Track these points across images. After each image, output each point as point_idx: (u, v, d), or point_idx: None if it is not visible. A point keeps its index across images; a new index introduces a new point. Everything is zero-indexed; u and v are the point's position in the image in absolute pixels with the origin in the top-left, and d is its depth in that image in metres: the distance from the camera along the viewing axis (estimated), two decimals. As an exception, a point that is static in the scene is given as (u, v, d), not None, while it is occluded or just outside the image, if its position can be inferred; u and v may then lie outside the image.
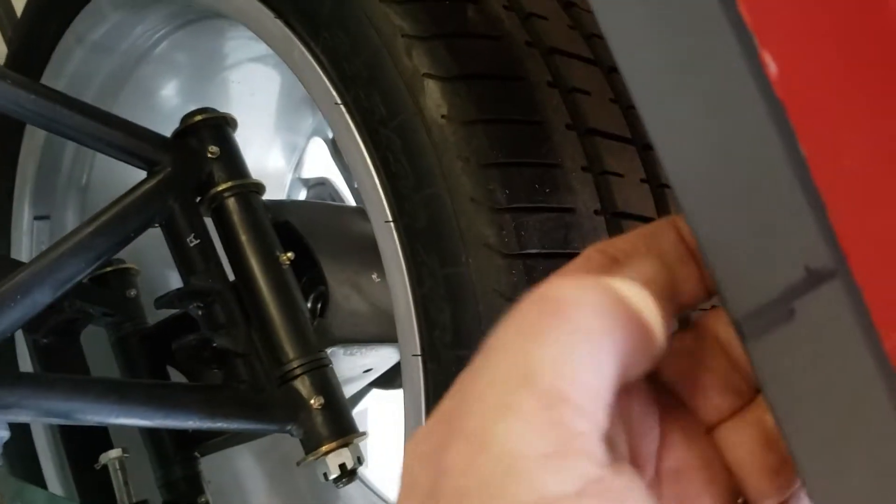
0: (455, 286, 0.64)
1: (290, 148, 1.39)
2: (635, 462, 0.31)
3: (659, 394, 0.32)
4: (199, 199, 0.91)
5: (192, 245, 0.87)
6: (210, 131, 0.92)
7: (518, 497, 0.24)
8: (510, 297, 0.63)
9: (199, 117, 0.92)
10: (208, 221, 0.91)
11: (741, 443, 0.32)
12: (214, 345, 0.85)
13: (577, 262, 0.32)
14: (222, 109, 1.05)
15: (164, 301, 0.88)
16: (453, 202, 0.64)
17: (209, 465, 1.09)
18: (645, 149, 0.71)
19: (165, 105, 1.17)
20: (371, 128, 0.68)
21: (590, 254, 0.32)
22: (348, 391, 1.05)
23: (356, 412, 1.16)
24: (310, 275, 0.93)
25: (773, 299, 0.28)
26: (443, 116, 0.64)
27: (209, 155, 0.90)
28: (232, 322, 0.86)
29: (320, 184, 1.40)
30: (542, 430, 0.25)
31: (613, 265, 0.32)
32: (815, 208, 0.26)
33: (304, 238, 0.92)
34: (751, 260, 0.29)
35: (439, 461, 0.26)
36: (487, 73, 0.66)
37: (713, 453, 0.32)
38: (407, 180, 0.66)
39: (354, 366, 1.03)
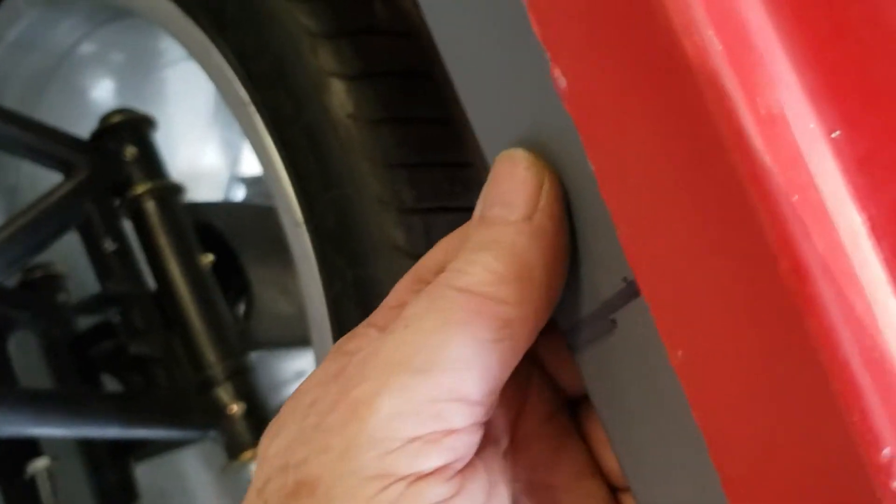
0: (364, 289, 0.63)
1: (227, 145, 1.37)
2: (490, 431, 0.31)
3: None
4: (117, 202, 0.89)
5: (109, 250, 0.85)
6: (128, 132, 0.90)
7: (369, 464, 0.26)
8: (420, 299, 0.61)
9: (116, 118, 0.90)
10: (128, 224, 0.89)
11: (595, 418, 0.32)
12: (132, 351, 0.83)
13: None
14: (159, 108, 1.03)
15: (81, 307, 0.86)
16: (361, 203, 0.63)
17: (151, 470, 1.07)
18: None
19: (99, 105, 1.15)
20: (279, 128, 0.67)
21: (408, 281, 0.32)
22: (281, 395, 1.03)
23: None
24: (235, 277, 0.92)
25: (595, 310, 0.28)
26: (348, 116, 0.63)
27: (127, 157, 0.88)
28: (151, 327, 0.84)
29: (258, 181, 1.38)
30: (423, 418, 0.27)
31: None
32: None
33: (228, 240, 0.90)
34: (575, 271, 0.28)
35: (323, 415, 0.28)
36: (395, 70, 0.65)
37: (572, 427, 0.32)
38: (315, 181, 0.65)
39: (285, 369, 1.01)
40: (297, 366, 1.01)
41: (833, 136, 0.30)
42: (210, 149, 1.34)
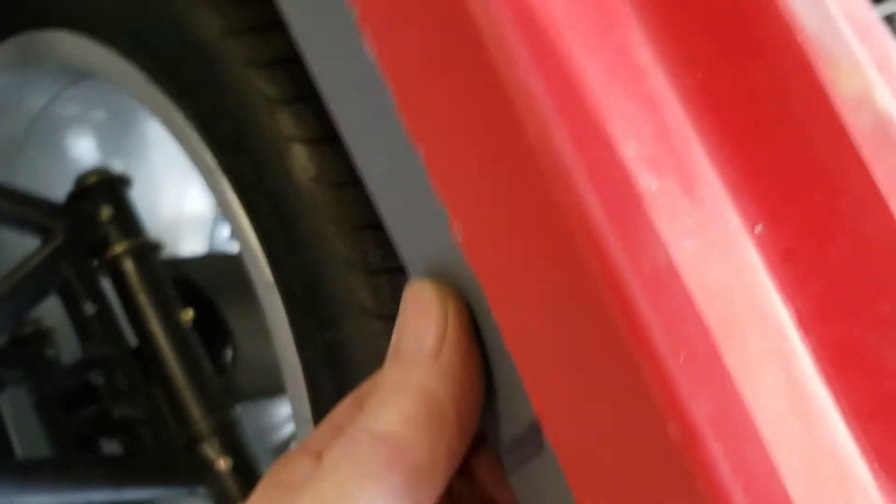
0: (335, 352, 0.63)
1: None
2: None
3: None
4: (95, 262, 0.89)
5: (89, 312, 0.86)
6: (104, 192, 0.90)
7: None
8: (392, 358, 0.62)
9: (91, 179, 0.90)
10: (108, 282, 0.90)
11: None
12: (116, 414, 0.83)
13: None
14: (141, 159, 1.03)
15: (65, 372, 0.86)
16: (328, 266, 0.63)
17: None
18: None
19: (81, 163, 1.15)
20: (244, 193, 0.67)
21: None
22: (273, 440, 1.04)
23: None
24: (218, 329, 0.92)
25: (522, 432, 0.28)
26: (311, 179, 0.63)
27: (103, 217, 0.88)
28: (134, 388, 0.84)
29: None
30: None
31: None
32: None
33: (208, 293, 0.91)
34: (501, 396, 0.28)
35: None
36: (355, 131, 0.65)
37: None
38: (282, 245, 0.65)
39: (275, 414, 1.01)
40: (286, 411, 1.01)
41: (756, 230, 0.31)
42: (192, 191, 1.34)
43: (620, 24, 0.29)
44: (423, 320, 0.28)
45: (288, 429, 1.06)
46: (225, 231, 1.40)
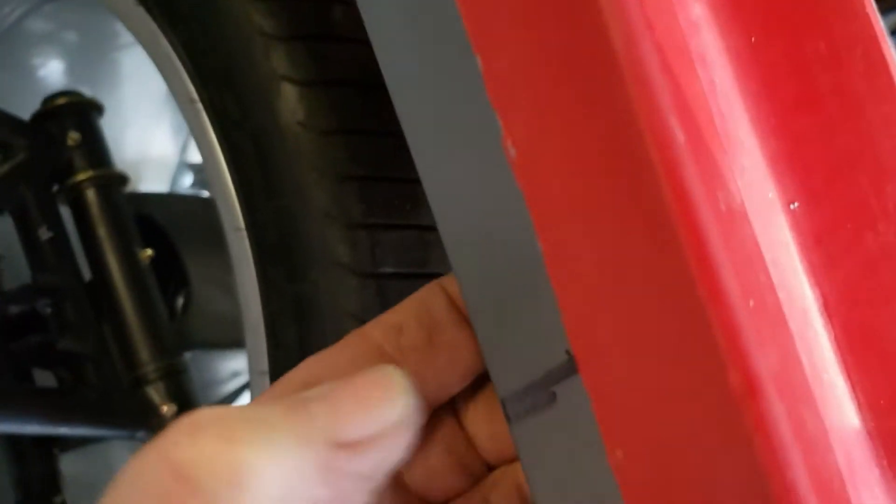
0: (303, 304, 0.61)
1: (177, 131, 1.34)
2: None
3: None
4: (56, 188, 0.85)
5: (44, 238, 0.82)
6: (72, 117, 0.86)
7: None
8: (361, 318, 0.60)
9: (61, 101, 0.87)
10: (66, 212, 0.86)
11: None
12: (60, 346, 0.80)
13: (339, 349, 0.30)
14: (110, 91, 0.99)
15: (10, 297, 0.82)
16: (305, 215, 0.61)
17: (77, 460, 1.03)
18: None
19: (47, 85, 1.11)
20: (225, 130, 0.64)
21: (352, 339, 0.30)
22: (216, 395, 1.01)
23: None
24: (174, 273, 0.89)
25: (535, 381, 0.26)
26: (298, 123, 0.61)
27: (70, 142, 0.85)
28: (83, 322, 0.81)
29: (208, 170, 1.35)
30: None
31: (383, 352, 0.29)
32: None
33: (169, 234, 0.88)
34: (517, 340, 0.26)
35: None
36: (350, 79, 0.63)
37: None
38: (259, 189, 0.63)
39: (221, 369, 0.99)
40: (234, 366, 0.98)
41: (792, 207, 0.29)
42: (160, 134, 1.30)
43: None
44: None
45: (233, 384, 1.04)
46: (188, 179, 1.37)
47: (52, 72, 1.09)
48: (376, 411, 0.25)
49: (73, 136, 0.85)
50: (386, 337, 0.29)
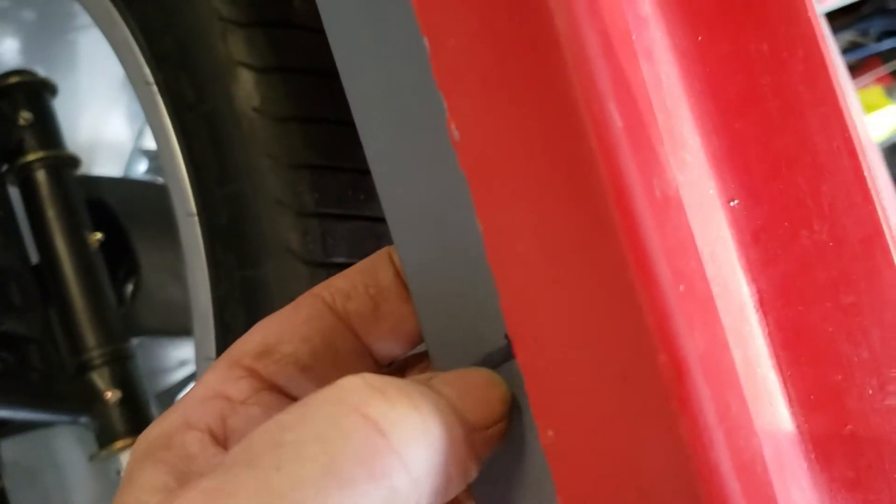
0: (252, 290, 0.61)
1: (132, 117, 1.32)
2: None
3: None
4: (5, 167, 0.84)
5: (-10, 217, 0.81)
6: (25, 95, 0.85)
7: None
8: (310, 306, 0.59)
9: (13, 79, 0.85)
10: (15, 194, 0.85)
11: None
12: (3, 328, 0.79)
13: (293, 310, 0.30)
14: (65, 72, 0.97)
15: (-47, 275, 0.81)
16: (257, 202, 0.60)
17: (17, 445, 1.02)
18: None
19: (1, 63, 1.09)
20: (180, 113, 0.64)
21: (305, 300, 0.30)
22: (162, 383, 1.00)
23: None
24: (124, 258, 0.88)
25: (474, 364, 0.26)
26: (254, 109, 0.60)
27: (21, 121, 0.84)
28: (28, 303, 0.80)
29: (163, 157, 1.34)
30: None
31: (333, 312, 0.29)
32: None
33: (120, 218, 0.87)
34: (456, 323, 0.27)
35: None
36: (308, 67, 0.63)
37: None
38: (212, 173, 0.62)
39: (169, 357, 0.98)
40: (181, 354, 0.97)
41: (731, 204, 0.30)
42: (115, 119, 1.29)
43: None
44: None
45: (180, 374, 1.03)
46: (142, 166, 1.35)
47: (7, 50, 1.07)
48: (497, 402, 0.26)
49: (25, 116, 0.83)
50: (334, 301, 0.30)
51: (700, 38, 0.30)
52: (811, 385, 0.29)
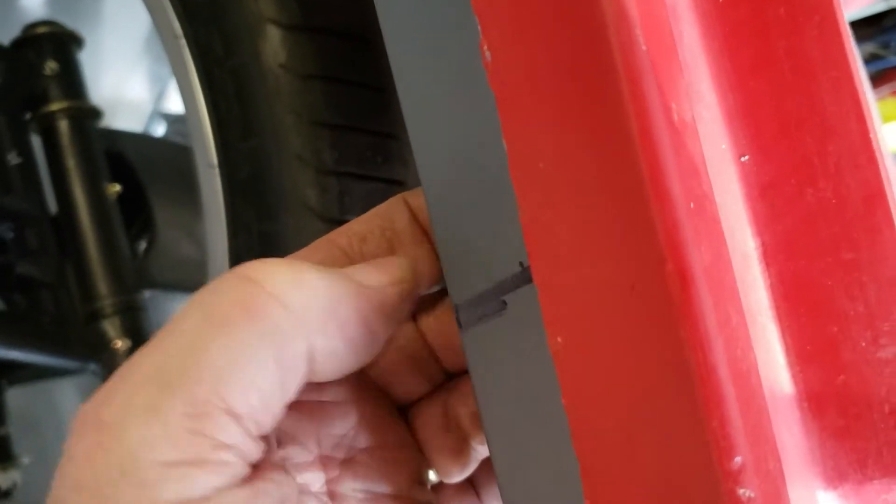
0: (269, 244, 0.62)
1: (154, 78, 1.34)
2: (325, 445, 0.31)
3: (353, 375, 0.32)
4: (29, 115, 0.86)
5: (12, 163, 0.82)
6: (51, 46, 0.86)
7: (126, 500, 0.23)
8: (323, 261, 0.61)
9: (41, 29, 0.87)
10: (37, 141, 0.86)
11: (426, 424, 0.33)
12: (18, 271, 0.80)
13: (310, 252, 0.32)
14: (90, 28, 0.99)
15: (-28, 217, 0.83)
16: (279, 157, 0.62)
17: (23, 395, 1.04)
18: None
19: (28, 14, 1.10)
20: (207, 67, 0.65)
21: (320, 244, 0.32)
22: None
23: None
24: (140, 212, 0.90)
25: (488, 290, 0.28)
26: (280, 66, 0.62)
27: (47, 71, 0.85)
28: (44, 249, 0.81)
29: (181, 120, 1.35)
30: (177, 438, 0.23)
31: (348, 256, 0.31)
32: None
33: (138, 173, 0.88)
34: (473, 249, 0.28)
35: (72, 442, 0.25)
36: (335, 28, 0.64)
37: (406, 433, 0.33)
38: (235, 127, 0.64)
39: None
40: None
41: (742, 159, 0.31)
42: (136, 79, 1.30)
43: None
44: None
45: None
46: (161, 129, 1.37)
47: (35, 2, 1.09)
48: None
49: (51, 66, 0.85)
50: (350, 244, 0.31)
51: (721, 0, 0.31)
52: (808, 336, 0.30)
